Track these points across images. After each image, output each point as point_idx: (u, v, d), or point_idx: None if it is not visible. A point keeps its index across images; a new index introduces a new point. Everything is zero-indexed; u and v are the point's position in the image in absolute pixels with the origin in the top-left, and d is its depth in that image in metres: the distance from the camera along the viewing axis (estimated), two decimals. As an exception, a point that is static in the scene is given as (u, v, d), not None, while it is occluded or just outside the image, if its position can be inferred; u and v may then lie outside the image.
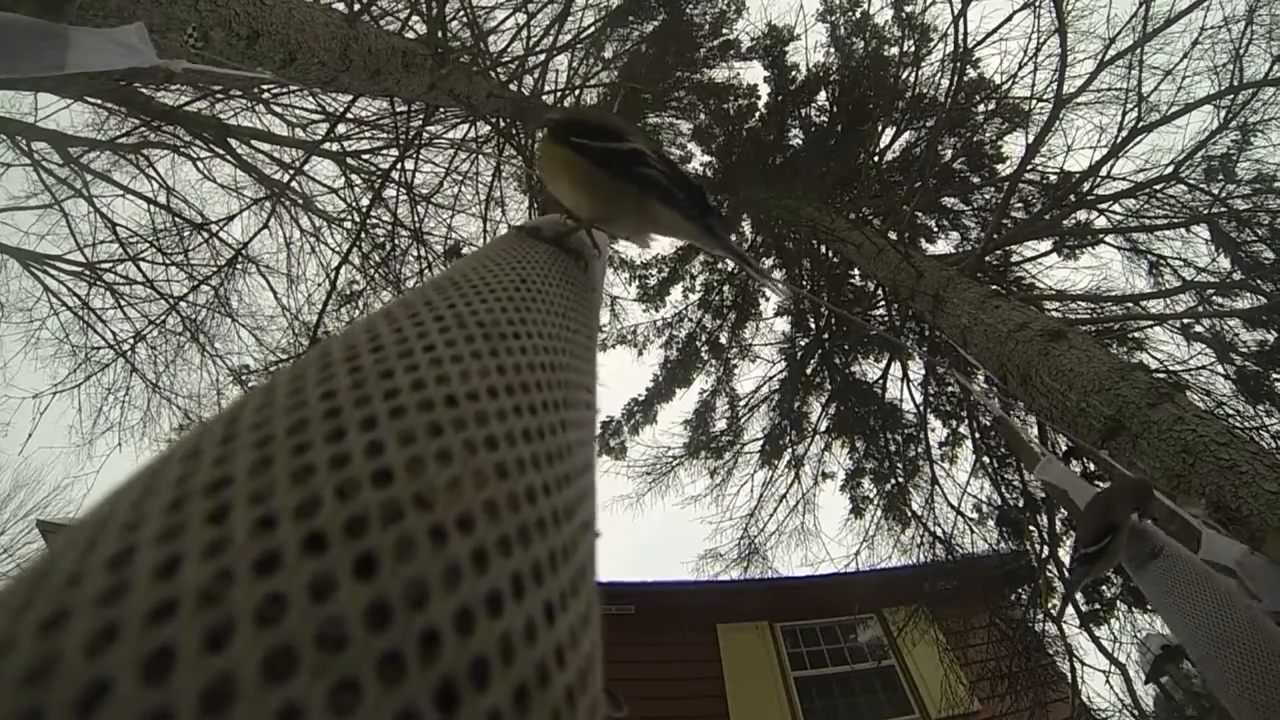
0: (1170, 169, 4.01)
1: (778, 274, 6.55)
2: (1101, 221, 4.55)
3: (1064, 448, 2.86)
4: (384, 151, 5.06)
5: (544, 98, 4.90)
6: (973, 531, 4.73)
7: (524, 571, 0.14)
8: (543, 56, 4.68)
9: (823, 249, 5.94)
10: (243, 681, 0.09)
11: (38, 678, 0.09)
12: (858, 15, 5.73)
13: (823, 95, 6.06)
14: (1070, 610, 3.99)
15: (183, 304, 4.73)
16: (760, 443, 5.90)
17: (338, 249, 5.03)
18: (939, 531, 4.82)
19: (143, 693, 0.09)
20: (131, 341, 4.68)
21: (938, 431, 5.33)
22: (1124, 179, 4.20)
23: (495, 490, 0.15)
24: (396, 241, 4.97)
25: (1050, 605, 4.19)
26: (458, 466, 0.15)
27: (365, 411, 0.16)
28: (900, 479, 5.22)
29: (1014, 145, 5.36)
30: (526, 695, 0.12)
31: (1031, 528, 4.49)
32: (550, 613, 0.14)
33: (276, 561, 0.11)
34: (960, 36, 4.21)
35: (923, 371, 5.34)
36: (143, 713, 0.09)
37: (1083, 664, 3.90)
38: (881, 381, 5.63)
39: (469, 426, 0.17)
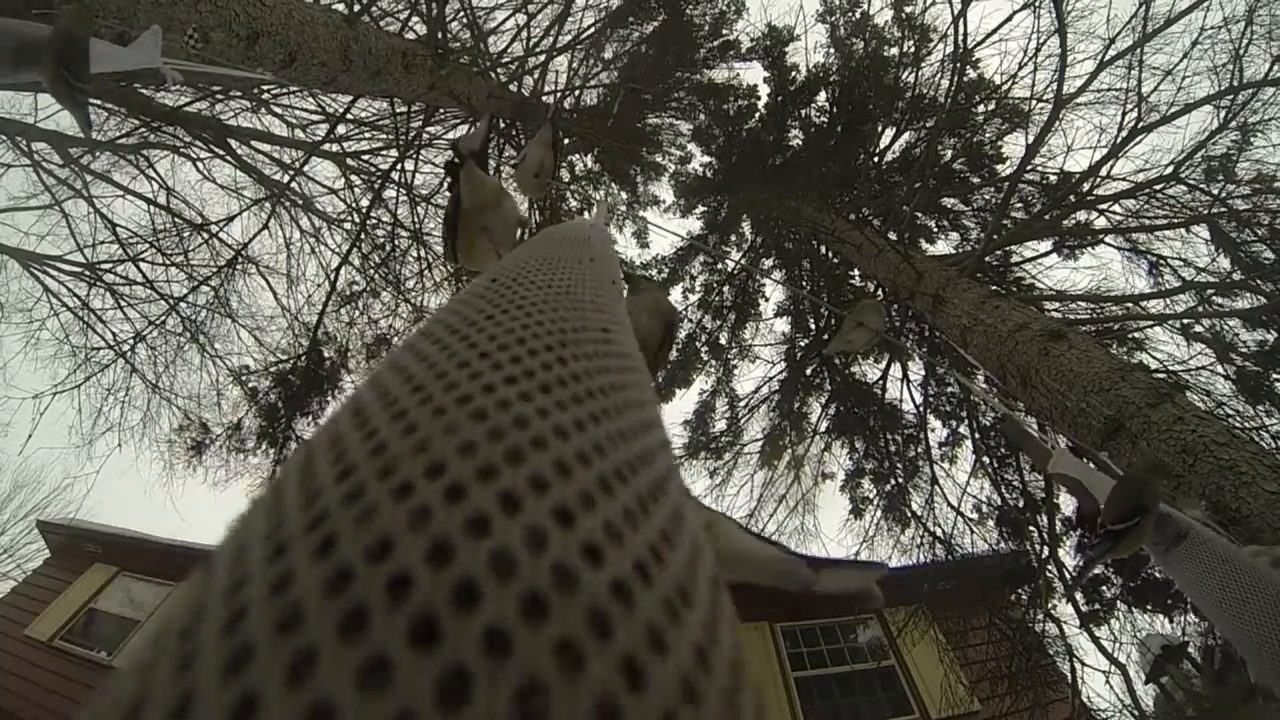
0: (1170, 169, 4.01)
1: (777, 274, 6.56)
2: (1101, 221, 4.55)
3: (1064, 448, 2.86)
4: (384, 152, 5.06)
5: (544, 98, 4.91)
6: (973, 532, 4.73)
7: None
8: (543, 57, 4.69)
9: (823, 249, 5.94)
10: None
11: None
12: (858, 16, 5.73)
13: (822, 96, 6.06)
14: (1070, 611, 3.99)
15: (183, 305, 4.73)
16: (760, 443, 5.91)
17: (338, 249, 5.03)
18: (939, 532, 4.82)
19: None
20: (131, 342, 4.68)
21: (938, 432, 5.34)
22: (1124, 179, 4.21)
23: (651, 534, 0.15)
24: (396, 242, 4.97)
25: (1051, 605, 4.19)
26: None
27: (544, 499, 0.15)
28: (900, 479, 5.22)
29: (1014, 145, 5.37)
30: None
31: (1031, 528, 4.49)
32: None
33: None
34: (960, 37, 4.22)
35: (923, 372, 5.34)
36: None
37: (1083, 664, 3.90)
38: (881, 382, 5.63)
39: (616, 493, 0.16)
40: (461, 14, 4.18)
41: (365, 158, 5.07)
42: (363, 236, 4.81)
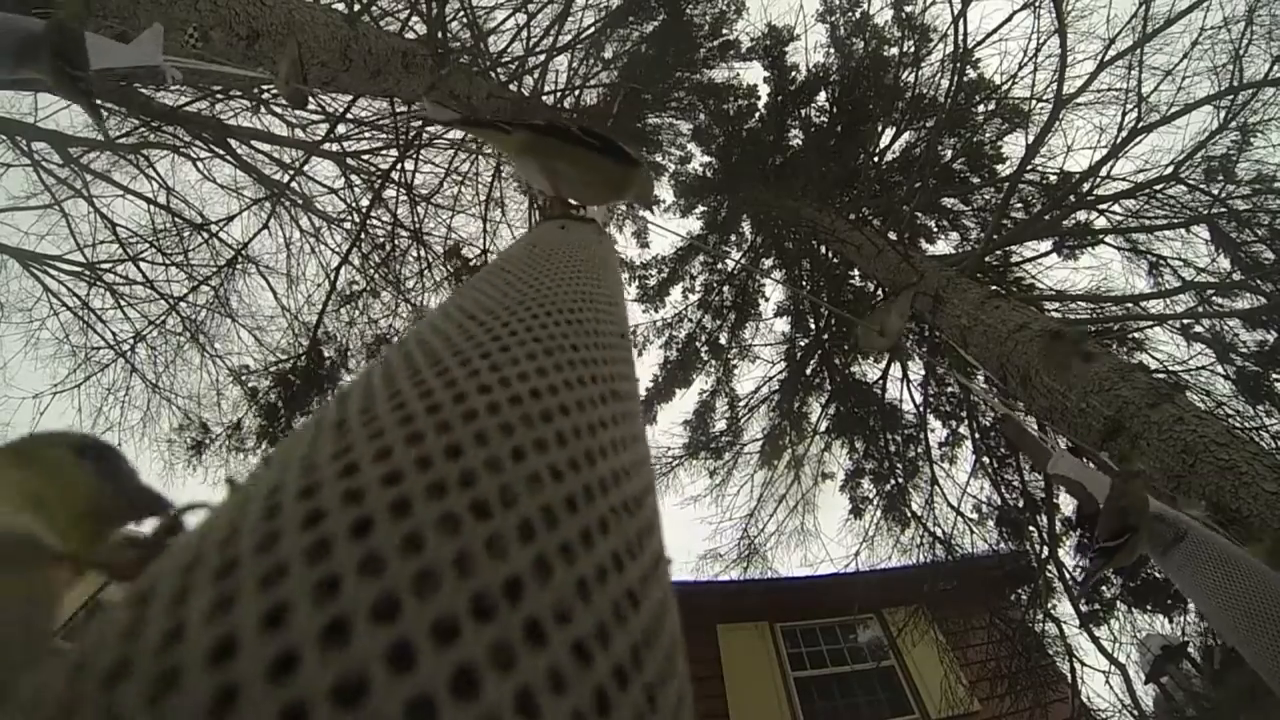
0: (1170, 169, 4.01)
1: (777, 274, 6.56)
2: (1101, 222, 4.55)
3: (1063, 448, 2.86)
4: (384, 152, 5.06)
5: (544, 98, 4.90)
6: (973, 532, 4.73)
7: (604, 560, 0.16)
8: (543, 57, 4.69)
9: (823, 249, 5.94)
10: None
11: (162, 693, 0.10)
12: (858, 15, 5.73)
13: (822, 95, 6.06)
14: (1070, 610, 3.99)
15: (183, 304, 4.73)
16: (760, 443, 5.90)
17: (338, 249, 5.03)
18: (939, 532, 4.82)
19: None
20: (131, 342, 4.68)
21: (937, 432, 5.33)
22: (1124, 179, 4.20)
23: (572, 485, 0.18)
24: (396, 242, 4.97)
25: (1050, 605, 4.19)
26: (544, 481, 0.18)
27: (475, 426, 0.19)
28: (900, 479, 5.22)
29: (1014, 145, 5.37)
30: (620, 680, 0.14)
31: (1031, 528, 4.48)
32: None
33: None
34: (960, 37, 4.22)
35: (923, 372, 5.34)
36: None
37: (1083, 664, 3.90)
38: (881, 382, 5.63)
39: (569, 441, 0.20)
40: (461, 14, 4.18)
41: (365, 157, 5.07)
42: (363, 236, 4.81)
